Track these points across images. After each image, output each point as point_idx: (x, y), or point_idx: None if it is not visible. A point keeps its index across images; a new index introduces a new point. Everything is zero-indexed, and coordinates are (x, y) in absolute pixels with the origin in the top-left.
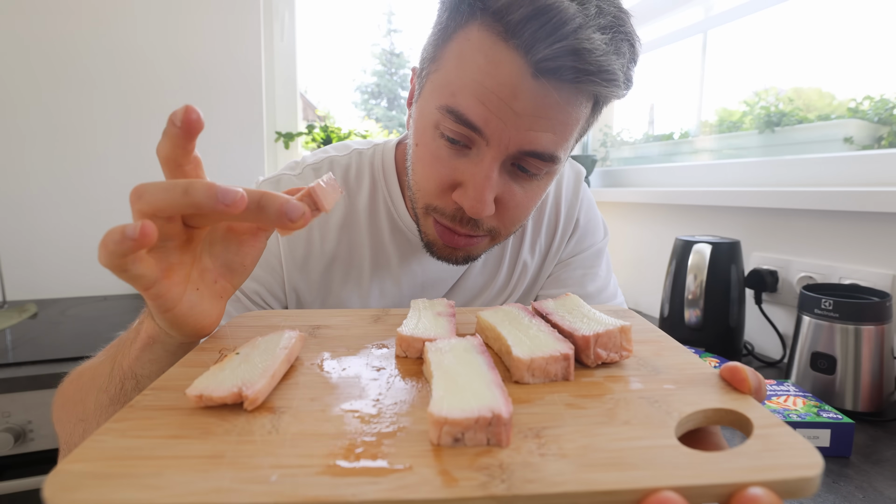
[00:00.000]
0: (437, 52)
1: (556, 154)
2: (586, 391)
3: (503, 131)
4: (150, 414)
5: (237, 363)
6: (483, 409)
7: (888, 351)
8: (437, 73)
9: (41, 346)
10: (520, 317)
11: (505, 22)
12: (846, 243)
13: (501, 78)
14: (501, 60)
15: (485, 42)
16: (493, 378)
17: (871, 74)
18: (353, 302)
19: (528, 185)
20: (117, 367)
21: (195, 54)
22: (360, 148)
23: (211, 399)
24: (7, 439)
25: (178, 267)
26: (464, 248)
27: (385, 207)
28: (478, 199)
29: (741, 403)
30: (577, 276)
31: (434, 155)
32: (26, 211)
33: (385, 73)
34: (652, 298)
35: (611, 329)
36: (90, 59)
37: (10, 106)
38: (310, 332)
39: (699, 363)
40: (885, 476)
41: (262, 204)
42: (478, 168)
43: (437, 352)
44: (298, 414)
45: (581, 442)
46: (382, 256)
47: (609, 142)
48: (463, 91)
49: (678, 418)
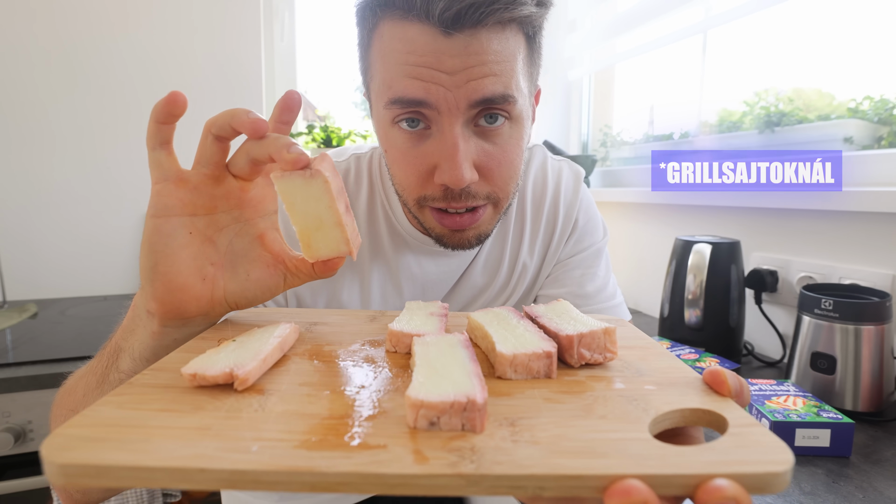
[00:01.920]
0: (365, 62)
1: (506, 93)
2: (567, 388)
3: (446, 94)
4: (146, 390)
5: (232, 348)
6: (459, 394)
7: (888, 351)
8: (373, 80)
9: (41, 346)
10: (508, 318)
11: (399, 3)
12: (846, 243)
13: (419, 50)
14: (412, 36)
15: (394, 30)
16: (473, 368)
17: (871, 74)
18: (354, 305)
19: (498, 140)
20: (109, 344)
21: (195, 54)
22: (359, 152)
23: (204, 378)
24: (7, 439)
25: (193, 197)
26: (470, 226)
27: (383, 211)
28: (455, 169)
29: (720, 405)
30: (576, 276)
31: (401, 150)
32: (26, 211)
33: None
34: (652, 298)
35: (595, 330)
36: (90, 60)
37: (11, 106)
38: (306, 328)
39: (684, 368)
40: (885, 476)
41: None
42: (443, 141)
43: (423, 345)
44: (285, 396)
45: (554, 432)
46: (382, 259)
47: (609, 142)
48: (396, 79)
49: (653, 415)
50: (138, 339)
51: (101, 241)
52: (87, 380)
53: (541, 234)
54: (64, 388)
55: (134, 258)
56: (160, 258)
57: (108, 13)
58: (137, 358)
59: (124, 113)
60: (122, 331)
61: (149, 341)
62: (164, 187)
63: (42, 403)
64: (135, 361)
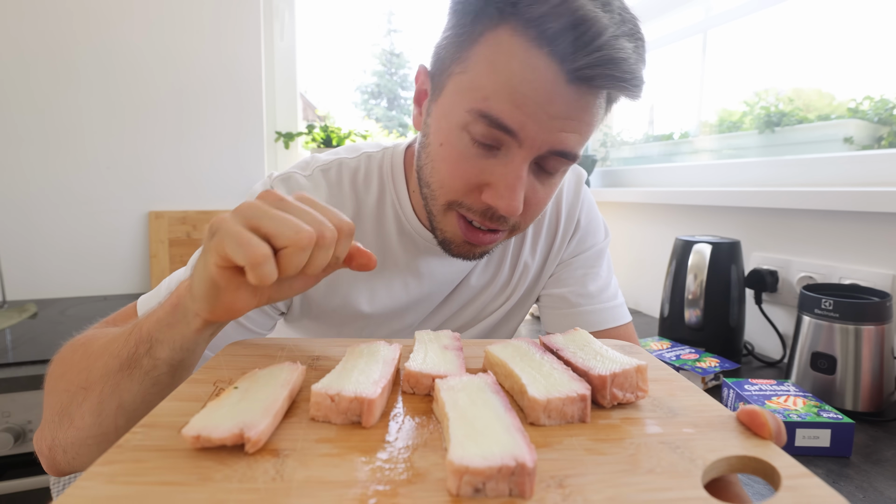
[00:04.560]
0: (462, 53)
1: (578, 153)
2: (605, 434)
3: (537, 134)
4: (140, 455)
5: (236, 399)
6: (506, 456)
7: (888, 351)
8: (462, 76)
9: (41, 346)
10: (530, 353)
11: (541, 29)
12: (846, 243)
13: (537, 84)
14: (537, 66)
15: (518, 47)
16: (513, 422)
17: (871, 74)
18: (360, 303)
19: (547, 182)
20: (136, 331)
21: (196, 54)
22: (370, 151)
23: (209, 440)
24: (7, 439)
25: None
26: (485, 245)
27: (393, 210)
28: (511, 199)
29: (764, 450)
30: (579, 276)
31: (462, 154)
32: (26, 211)
33: (385, 73)
34: (652, 298)
35: (627, 369)
36: (90, 60)
37: (11, 107)
38: (309, 364)
39: (715, 405)
40: (886, 476)
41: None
42: (508, 168)
43: (449, 390)
44: (304, 457)
45: (607, 493)
46: (390, 258)
47: (609, 142)
48: (497, 95)
49: (703, 466)
50: (180, 332)
51: (101, 241)
52: (105, 361)
53: (543, 234)
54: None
55: (134, 258)
56: (224, 294)
57: (108, 13)
58: (178, 348)
59: (124, 113)
60: (157, 322)
61: (191, 335)
62: (222, 269)
63: (42, 404)
64: (174, 351)
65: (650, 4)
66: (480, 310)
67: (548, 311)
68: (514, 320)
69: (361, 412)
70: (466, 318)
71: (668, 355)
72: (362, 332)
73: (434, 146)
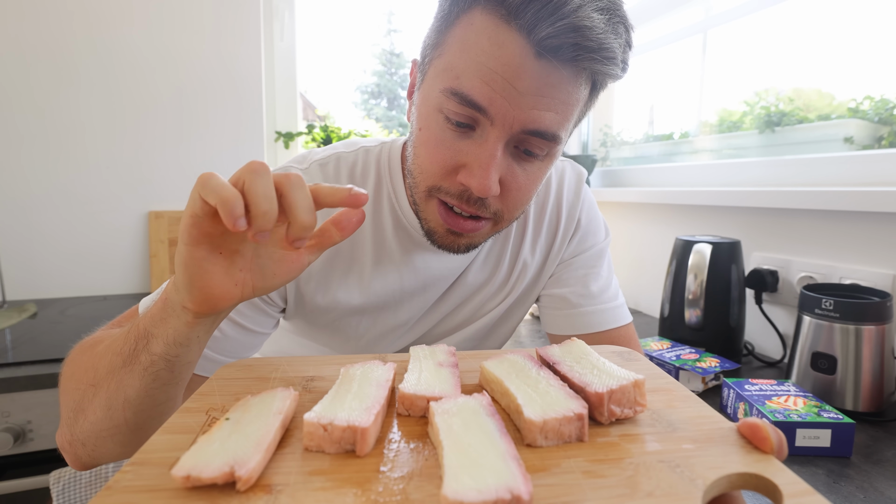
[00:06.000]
0: (440, 38)
1: (557, 133)
2: (603, 454)
3: (507, 111)
4: (130, 498)
5: (227, 432)
6: (501, 489)
7: (889, 351)
8: (440, 59)
9: (41, 346)
10: (527, 368)
11: (507, 4)
12: (846, 243)
13: (505, 58)
14: (504, 41)
15: (488, 25)
16: (507, 448)
17: (871, 74)
18: (354, 297)
19: (529, 168)
20: (134, 329)
21: (196, 54)
22: (368, 145)
23: (199, 480)
24: (7, 439)
25: (223, 228)
26: (467, 234)
27: (389, 203)
28: (483, 178)
29: (766, 466)
30: (580, 276)
31: (438, 138)
32: (26, 211)
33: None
34: (652, 298)
35: (625, 384)
36: (90, 61)
37: (11, 107)
38: (303, 386)
39: (715, 416)
40: (886, 476)
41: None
42: (482, 148)
43: (444, 415)
44: (296, 493)
45: None
46: (385, 251)
47: (609, 142)
48: (467, 73)
49: (703, 487)
50: (172, 326)
51: (101, 241)
52: (110, 359)
53: (543, 233)
54: (76, 361)
55: (134, 258)
56: (195, 278)
57: (108, 13)
58: (171, 343)
59: (124, 113)
60: (151, 318)
61: (183, 329)
62: (196, 220)
63: (42, 403)
64: (168, 346)
65: (650, 4)
66: (478, 307)
67: (548, 311)
68: (512, 319)
69: (355, 441)
70: (464, 315)
71: (669, 355)
72: (357, 329)
73: (415, 133)
